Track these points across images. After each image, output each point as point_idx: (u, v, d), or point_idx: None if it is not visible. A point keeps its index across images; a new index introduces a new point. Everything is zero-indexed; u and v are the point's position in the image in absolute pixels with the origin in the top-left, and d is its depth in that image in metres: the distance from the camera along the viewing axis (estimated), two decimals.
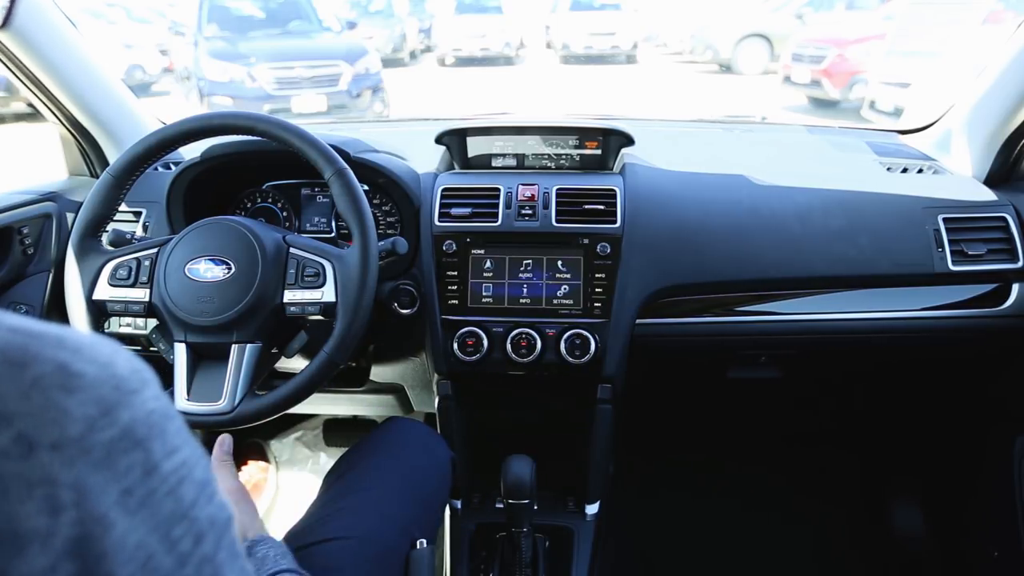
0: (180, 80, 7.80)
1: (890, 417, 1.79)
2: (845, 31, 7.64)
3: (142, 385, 0.38)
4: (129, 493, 0.35)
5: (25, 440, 0.33)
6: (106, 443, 0.35)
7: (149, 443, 0.37)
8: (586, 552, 1.24)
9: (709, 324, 1.29)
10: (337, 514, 0.99)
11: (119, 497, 0.35)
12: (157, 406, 0.38)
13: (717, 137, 1.74)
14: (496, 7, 12.62)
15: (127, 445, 0.36)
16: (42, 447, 0.33)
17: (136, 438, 0.36)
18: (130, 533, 0.35)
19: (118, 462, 0.35)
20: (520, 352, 1.19)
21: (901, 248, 1.24)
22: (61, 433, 0.33)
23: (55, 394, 0.34)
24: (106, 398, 0.35)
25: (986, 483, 1.48)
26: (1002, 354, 1.38)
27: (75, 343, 0.36)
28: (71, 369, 0.35)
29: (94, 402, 0.35)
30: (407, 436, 1.14)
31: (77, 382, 0.35)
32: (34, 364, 0.34)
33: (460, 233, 1.23)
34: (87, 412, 0.34)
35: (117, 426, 0.35)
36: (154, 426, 0.37)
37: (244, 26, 7.57)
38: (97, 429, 0.35)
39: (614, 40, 11.65)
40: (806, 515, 1.81)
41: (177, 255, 1.01)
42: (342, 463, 1.11)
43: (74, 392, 0.34)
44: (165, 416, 0.38)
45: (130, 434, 0.36)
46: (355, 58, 6.96)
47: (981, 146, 1.35)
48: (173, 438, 0.38)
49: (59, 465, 0.33)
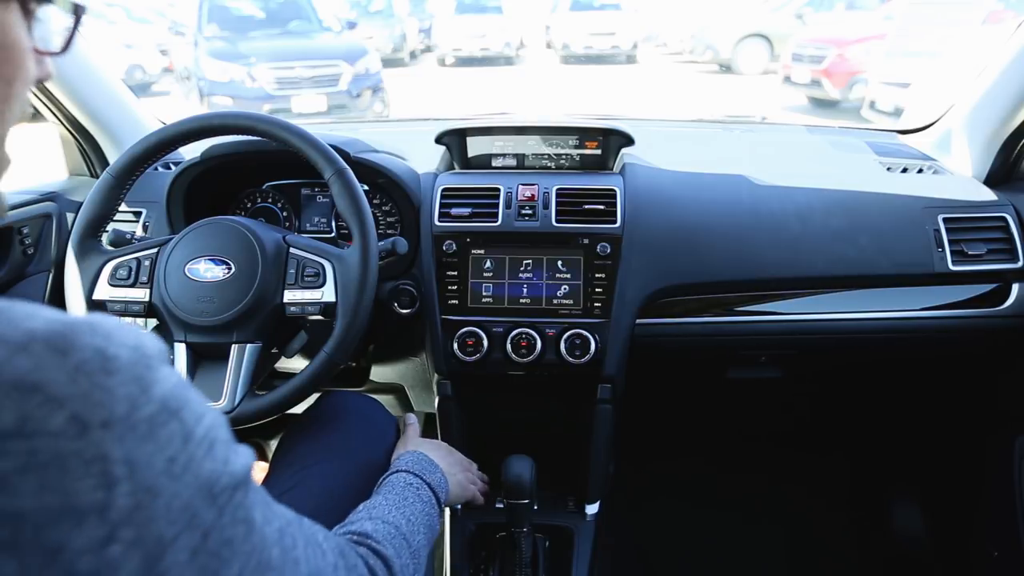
0: (180, 80, 7.80)
1: (889, 417, 1.79)
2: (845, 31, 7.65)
3: (164, 362, 0.41)
4: (173, 461, 0.38)
5: (79, 421, 0.35)
6: (148, 418, 0.38)
7: (182, 413, 0.40)
8: (586, 552, 1.23)
9: (709, 324, 1.29)
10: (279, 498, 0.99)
11: (165, 465, 0.38)
12: (178, 379, 0.41)
13: (717, 137, 1.74)
14: (496, 7, 12.62)
15: (165, 417, 0.39)
16: (94, 426, 0.36)
17: (171, 410, 0.39)
18: (176, 497, 0.38)
19: (160, 434, 0.38)
20: (520, 352, 1.19)
21: (901, 248, 1.24)
22: (109, 412, 0.36)
23: (99, 377, 0.37)
24: (141, 377, 0.39)
25: (986, 483, 1.48)
26: (1002, 354, 1.38)
27: (105, 329, 0.39)
28: (108, 353, 0.38)
29: (133, 381, 0.38)
30: (345, 408, 1.13)
31: (115, 364, 0.38)
32: (75, 351, 0.37)
33: (460, 233, 1.23)
34: (128, 391, 0.38)
35: (155, 401, 0.39)
36: (181, 398, 0.40)
37: (244, 26, 7.57)
38: (139, 406, 0.38)
39: (614, 40, 11.65)
40: (806, 515, 1.81)
41: (177, 255, 1.01)
42: (280, 446, 1.10)
43: (114, 374, 0.37)
44: (186, 387, 0.42)
45: (166, 407, 0.39)
46: (355, 58, 6.96)
47: (981, 146, 1.35)
48: (197, 406, 0.42)
49: (110, 442, 0.36)
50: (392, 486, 0.90)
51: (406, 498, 0.87)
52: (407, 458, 0.97)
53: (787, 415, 1.87)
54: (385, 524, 0.77)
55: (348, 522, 0.79)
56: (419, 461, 0.97)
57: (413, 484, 0.91)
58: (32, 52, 0.46)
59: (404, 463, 0.96)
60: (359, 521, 0.78)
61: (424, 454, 0.99)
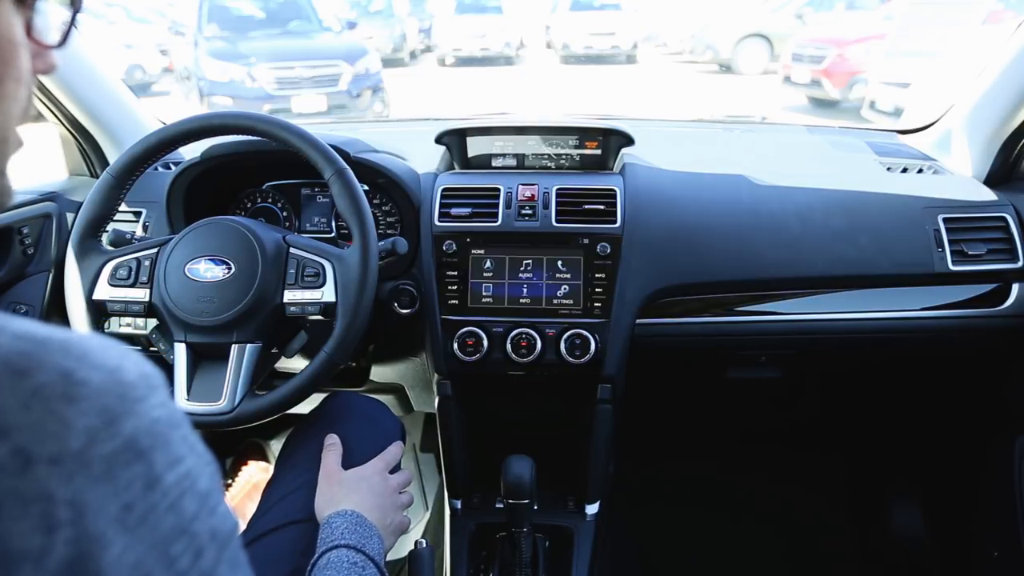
0: (180, 80, 7.80)
1: (889, 417, 1.79)
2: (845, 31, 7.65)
3: (149, 392, 0.36)
4: (129, 509, 0.34)
5: (22, 454, 0.31)
6: (107, 456, 0.33)
7: (152, 454, 0.35)
8: (586, 552, 1.23)
9: (709, 324, 1.29)
10: (282, 500, 0.99)
11: (118, 513, 0.33)
12: (162, 414, 0.36)
13: (717, 137, 1.74)
14: (496, 7, 12.62)
15: (129, 458, 0.34)
16: (40, 461, 0.31)
17: (138, 449, 0.34)
18: (128, 551, 0.33)
19: (119, 476, 0.33)
20: (520, 352, 1.19)
21: (901, 248, 1.24)
22: (60, 446, 0.32)
23: (56, 404, 0.33)
24: (110, 407, 0.34)
25: (986, 483, 1.48)
26: (1002, 354, 1.38)
27: (81, 349, 0.35)
28: (75, 377, 0.34)
29: (97, 412, 0.33)
30: (350, 409, 1.12)
31: (80, 391, 0.33)
32: (37, 372, 0.33)
33: (460, 233, 1.23)
34: (89, 423, 0.33)
35: (120, 437, 0.34)
36: (158, 436, 0.36)
37: (244, 26, 7.57)
38: (98, 441, 0.33)
39: (614, 40, 11.66)
40: (806, 515, 1.81)
41: (177, 255, 1.01)
42: (285, 447, 1.10)
43: (76, 401, 0.33)
44: (170, 424, 0.37)
45: (132, 446, 0.34)
46: (355, 58, 6.96)
47: (981, 146, 1.35)
48: (177, 447, 0.37)
49: (56, 480, 0.31)
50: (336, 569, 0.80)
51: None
52: (341, 525, 0.86)
53: (787, 415, 1.87)
54: None
55: None
56: (355, 528, 0.86)
57: (358, 564, 0.81)
58: (27, 47, 0.43)
59: (340, 533, 0.85)
60: None
61: (357, 515, 0.88)
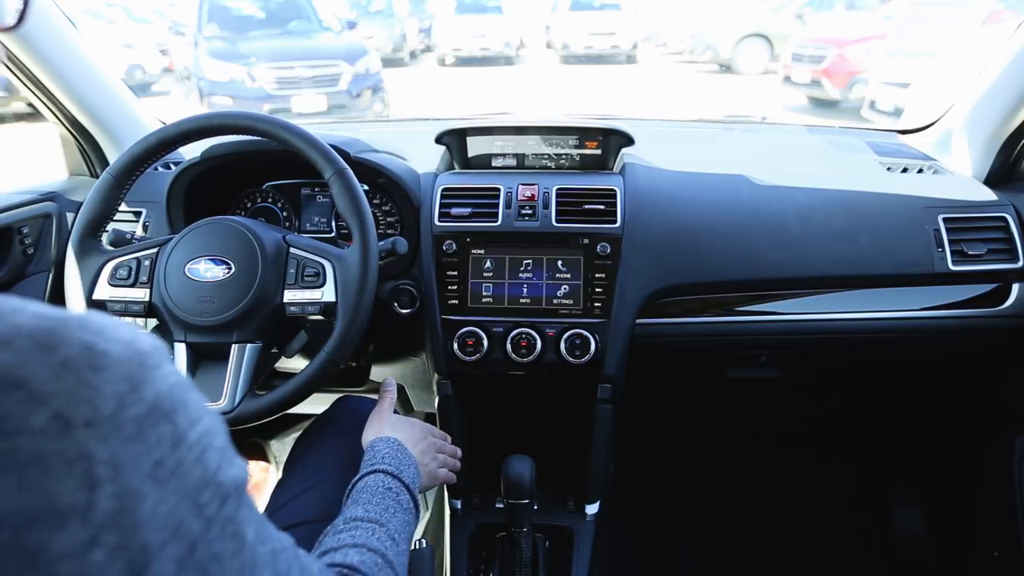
0: (180, 80, 7.80)
1: (890, 417, 1.79)
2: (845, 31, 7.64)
3: (162, 360, 0.39)
4: (160, 464, 0.37)
5: (62, 419, 0.34)
6: (136, 418, 0.36)
7: (175, 415, 0.38)
8: (586, 552, 1.23)
9: (709, 324, 1.29)
10: (292, 501, 0.99)
11: (151, 469, 0.36)
12: (177, 379, 0.40)
13: (717, 137, 1.74)
14: (496, 7, 12.62)
15: (156, 419, 0.37)
16: (77, 425, 0.34)
17: (163, 411, 0.38)
18: (162, 502, 0.36)
19: (148, 436, 0.36)
20: (520, 352, 1.19)
21: (901, 248, 1.24)
22: (94, 411, 0.35)
23: (86, 373, 0.35)
24: (133, 375, 0.37)
25: (986, 483, 1.48)
26: (1002, 354, 1.38)
27: (97, 325, 0.38)
28: (97, 349, 0.36)
29: (123, 379, 0.36)
30: (359, 412, 1.12)
31: (104, 360, 0.36)
32: (62, 346, 0.35)
33: (460, 233, 1.23)
34: (117, 389, 0.36)
35: (145, 401, 0.37)
36: (177, 399, 0.39)
37: (244, 26, 7.57)
38: (127, 405, 0.36)
39: (614, 40, 11.65)
40: (806, 515, 1.81)
41: (177, 255, 1.01)
42: (296, 449, 1.10)
43: (103, 370, 0.36)
44: (185, 388, 0.40)
45: (157, 408, 0.37)
46: (355, 58, 6.96)
47: (981, 146, 1.35)
48: (194, 409, 0.40)
49: (94, 442, 0.34)
50: (372, 492, 0.84)
51: (387, 508, 0.82)
52: (383, 449, 0.92)
53: (787, 415, 1.87)
54: (372, 553, 0.73)
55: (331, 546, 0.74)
56: (395, 453, 0.91)
57: (393, 489, 0.86)
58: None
59: (381, 457, 0.90)
60: (343, 549, 0.73)
61: (399, 443, 0.94)
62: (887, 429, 1.81)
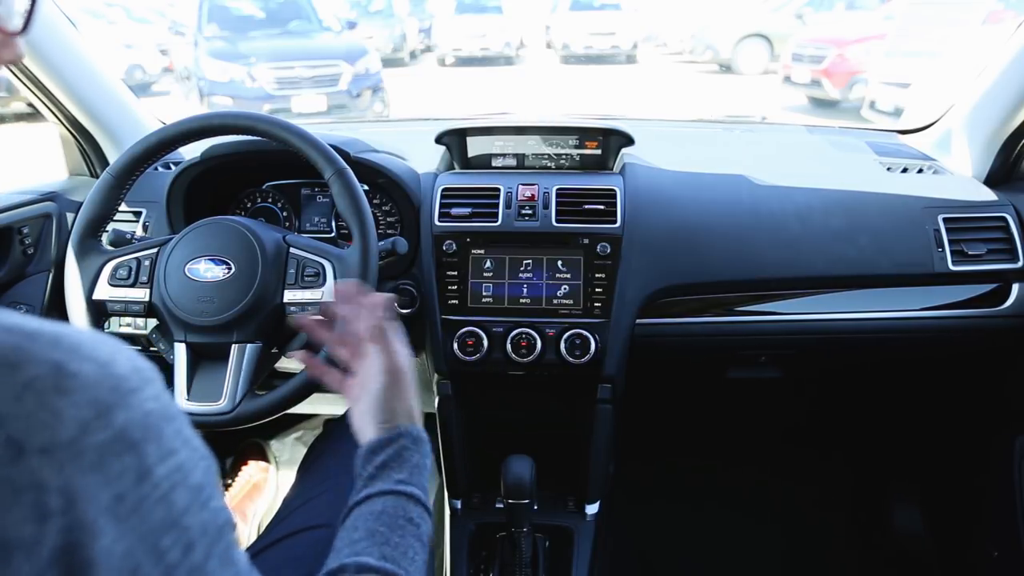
0: (180, 80, 7.80)
1: (890, 417, 1.79)
2: (845, 31, 7.65)
3: (143, 384, 0.36)
4: (120, 499, 0.34)
5: (14, 444, 0.31)
6: (99, 446, 0.33)
7: (144, 446, 0.35)
8: (586, 552, 1.24)
9: (709, 324, 1.29)
10: (306, 504, 0.99)
11: (110, 503, 0.33)
12: (155, 407, 0.37)
13: (717, 137, 1.74)
14: (496, 7, 12.62)
15: (120, 448, 0.34)
16: (31, 451, 0.32)
17: (130, 441, 0.35)
18: (118, 541, 0.33)
19: (110, 466, 0.34)
20: (520, 352, 1.19)
21: (901, 248, 1.24)
22: (52, 436, 0.32)
23: (48, 396, 0.33)
24: (102, 399, 0.34)
25: (986, 483, 1.48)
26: (1002, 354, 1.38)
27: (72, 342, 0.35)
28: (67, 369, 0.34)
29: (89, 404, 0.34)
30: None
31: (72, 383, 0.34)
32: (28, 365, 0.33)
33: (460, 233, 1.23)
34: (81, 414, 0.33)
35: (111, 428, 0.34)
36: (150, 428, 0.36)
37: (244, 26, 7.57)
38: (90, 432, 0.33)
39: (614, 40, 11.65)
40: (806, 515, 1.81)
41: (177, 255, 1.01)
42: (311, 453, 1.10)
43: (68, 393, 0.33)
44: (163, 417, 0.37)
45: (124, 437, 0.34)
46: (355, 58, 6.96)
47: (981, 146, 1.35)
48: (170, 441, 0.37)
49: (48, 470, 0.32)
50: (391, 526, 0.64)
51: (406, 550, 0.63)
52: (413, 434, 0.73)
53: (787, 415, 1.87)
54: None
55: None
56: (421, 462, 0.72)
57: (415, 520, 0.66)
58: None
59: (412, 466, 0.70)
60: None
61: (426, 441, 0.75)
62: (887, 429, 1.81)
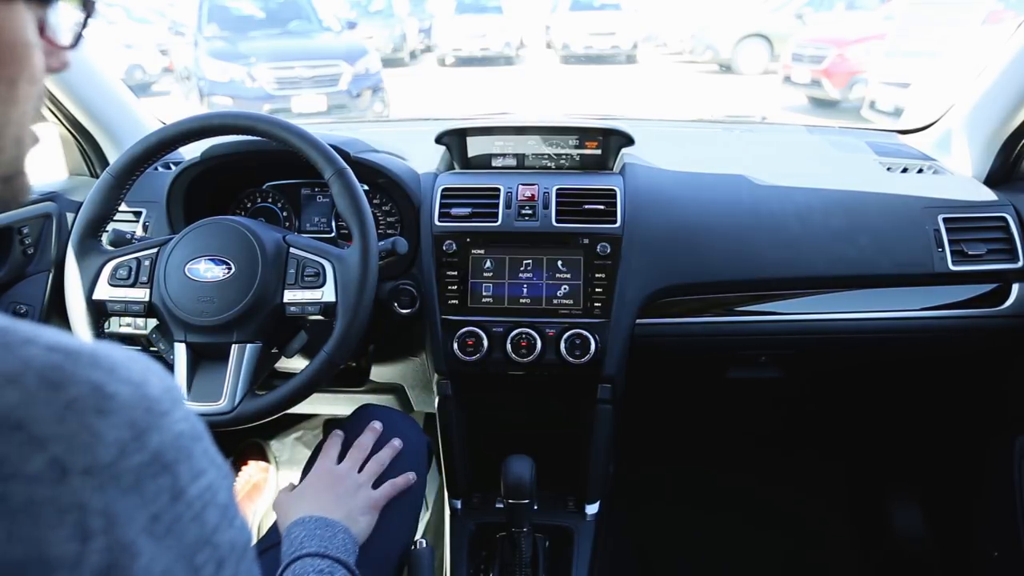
0: (180, 80, 7.80)
1: (889, 417, 1.79)
2: (845, 31, 7.65)
3: (172, 406, 0.37)
4: (157, 519, 0.35)
5: (58, 464, 0.32)
6: (136, 468, 0.34)
7: (177, 467, 0.36)
8: (586, 552, 1.23)
9: (709, 324, 1.29)
10: None
11: (147, 523, 0.34)
12: (185, 428, 0.38)
13: (717, 137, 1.74)
14: (496, 7, 12.62)
15: (156, 470, 0.35)
16: (74, 472, 0.32)
17: (165, 462, 0.36)
18: (156, 560, 0.34)
19: (147, 487, 0.34)
20: (520, 352, 1.19)
21: (901, 248, 1.24)
22: (93, 458, 0.33)
23: (89, 418, 0.33)
24: (138, 421, 0.35)
25: (986, 483, 1.48)
26: (1002, 354, 1.38)
27: (109, 362, 0.36)
28: (105, 391, 0.35)
29: (127, 425, 0.34)
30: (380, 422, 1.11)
31: (110, 404, 0.34)
32: (70, 385, 0.34)
33: (460, 233, 1.23)
34: (119, 436, 0.34)
35: (147, 450, 0.35)
36: (182, 449, 0.37)
37: (244, 26, 7.58)
38: (128, 454, 0.34)
39: (614, 40, 11.65)
40: (806, 515, 1.81)
41: (177, 255, 1.01)
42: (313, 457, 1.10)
43: (108, 415, 0.34)
44: (193, 438, 0.38)
45: (159, 458, 0.35)
46: (355, 58, 6.97)
47: (981, 146, 1.35)
48: (199, 461, 0.38)
49: (90, 491, 0.33)
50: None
51: None
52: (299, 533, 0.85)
53: (787, 415, 1.87)
54: None
55: None
56: (316, 530, 0.85)
57: (325, 571, 0.79)
58: (40, 48, 0.44)
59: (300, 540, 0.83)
60: None
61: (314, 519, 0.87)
62: (886, 429, 1.81)
